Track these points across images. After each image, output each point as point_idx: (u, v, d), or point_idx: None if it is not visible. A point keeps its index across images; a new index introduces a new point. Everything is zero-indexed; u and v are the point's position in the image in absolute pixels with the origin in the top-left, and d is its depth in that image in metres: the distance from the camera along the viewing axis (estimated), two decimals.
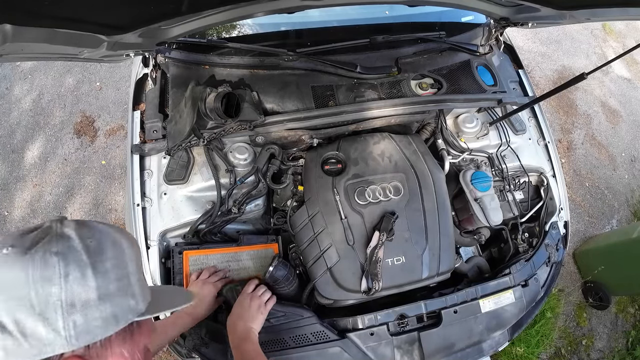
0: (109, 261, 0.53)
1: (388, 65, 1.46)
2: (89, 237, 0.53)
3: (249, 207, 1.32)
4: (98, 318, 0.50)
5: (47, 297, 0.47)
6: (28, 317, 0.47)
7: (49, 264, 0.48)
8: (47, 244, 0.50)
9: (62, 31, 0.82)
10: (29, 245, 0.49)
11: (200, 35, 1.43)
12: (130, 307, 0.54)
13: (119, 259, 0.55)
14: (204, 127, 1.24)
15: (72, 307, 0.48)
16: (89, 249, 0.52)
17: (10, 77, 3.00)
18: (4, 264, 0.48)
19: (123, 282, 0.54)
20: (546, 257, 1.40)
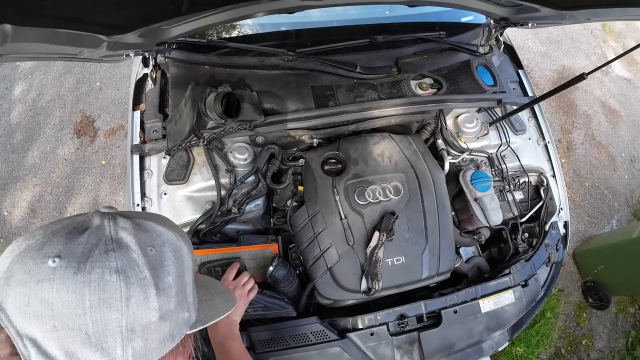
0: (170, 276, 0.47)
1: (388, 65, 1.47)
2: (149, 246, 0.47)
3: (249, 207, 1.32)
4: (156, 340, 0.45)
5: (106, 325, 0.41)
6: (83, 348, 0.41)
7: (108, 285, 0.41)
8: (105, 257, 0.42)
9: (62, 31, 0.82)
10: (81, 257, 0.42)
11: (200, 36, 1.43)
12: (184, 320, 0.49)
13: (180, 271, 0.49)
14: (204, 127, 1.24)
15: (132, 332, 0.42)
16: (150, 261, 0.45)
17: (10, 77, 3.00)
18: (51, 282, 0.40)
19: (181, 297, 0.48)
20: (546, 257, 1.40)
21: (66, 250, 0.42)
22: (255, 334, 1.12)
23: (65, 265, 0.41)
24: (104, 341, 0.41)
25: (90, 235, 0.44)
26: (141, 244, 0.46)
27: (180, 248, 0.50)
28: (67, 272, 0.41)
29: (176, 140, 1.26)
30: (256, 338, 1.11)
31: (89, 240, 0.44)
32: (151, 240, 0.47)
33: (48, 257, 0.41)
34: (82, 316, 0.40)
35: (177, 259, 0.49)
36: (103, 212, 0.48)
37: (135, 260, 0.44)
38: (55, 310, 0.40)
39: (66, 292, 0.40)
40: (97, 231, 0.45)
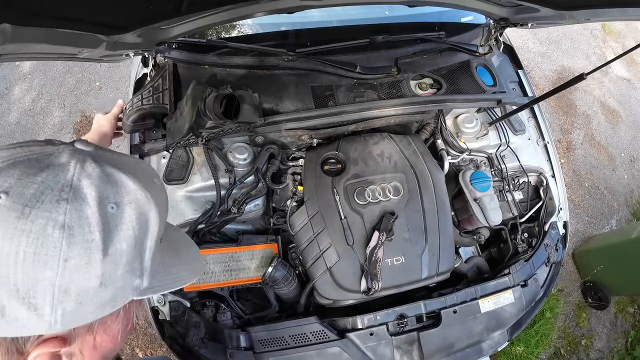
0: (125, 242, 0.41)
1: (388, 65, 1.47)
2: (112, 203, 0.41)
3: (249, 207, 1.32)
4: (93, 304, 0.41)
5: (37, 282, 0.37)
6: (10, 299, 0.37)
7: (48, 240, 0.37)
8: (53, 207, 0.37)
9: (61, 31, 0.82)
10: (29, 200, 0.37)
11: (200, 35, 1.43)
12: (133, 287, 0.44)
13: (140, 237, 0.43)
14: (203, 126, 1.24)
15: (65, 294, 0.38)
16: (105, 221, 0.40)
17: (10, 77, 3.00)
18: None
19: (135, 264, 0.43)
20: (545, 257, 1.40)
21: (17, 187, 0.37)
22: (254, 334, 1.12)
23: (9, 206, 0.36)
24: (33, 297, 0.37)
25: (48, 176, 0.38)
26: (101, 199, 0.40)
27: (147, 212, 0.44)
28: (9, 215, 0.36)
29: (175, 137, 1.26)
30: (255, 338, 1.12)
31: (44, 181, 0.38)
32: (115, 196, 0.41)
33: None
34: (13, 266, 0.36)
35: (139, 223, 0.43)
36: (76, 149, 0.42)
37: (87, 217, 0.39)
38: None
39: (2, 237, 0.36)
40: (57, 171, 0.39)
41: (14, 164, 0.38)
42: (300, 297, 1.24)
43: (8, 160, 0.39)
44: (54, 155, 0.41)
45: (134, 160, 0.50)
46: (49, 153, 0.41)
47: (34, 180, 0.38)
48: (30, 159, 0.39)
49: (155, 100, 1.27)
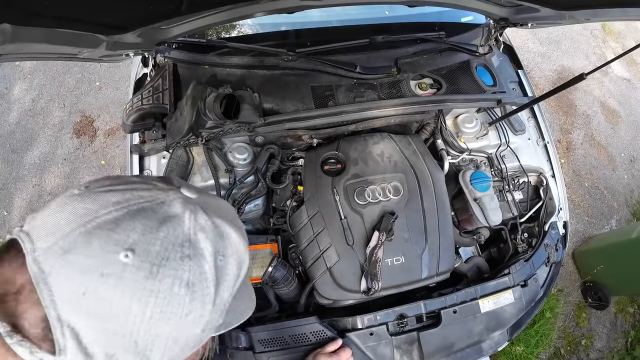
0: (227, 291, 0.43)
1: (387, 65, 1.47)
2: (220, 255, 0.43)
3: (249, 207, 1.32)
4: (190, 348, 0.43)
5: (157, 337, 0.38)
6: (126, 354, 0.38)
7: (174, 299, 0.38)
8: (179, 265, 0.38)
9: (61, 31, 0.82)
10: (156, 259, 0.37)
11: (200, 35, 1.43)
12: (216, 326, 0.45)
13: (235, 285, 0.45)
14: (203, 126, 1.24)
15: (175, 343, 0.40)
16: (216, 275, 0.42)
17: (10, 77, 3.00)
18: (118, 280, 0.36)
19: (225, 308, 0.45)
20: (545, 257, 1.40)
21: (142, 244, 0.37)
22: (254, 334, 1.12)
23: (137, 265, 0.37)
24: (150, 350, 0.39)
25: (168, 230, 0.39)
26: (215, 253, 0.42)
27: (244, 260, 0.47)
28: (137, 275, 0.36)
29: (175, 137, 1.26)
30: (255, 338, 1.11)
31: (167, 237, 0.39)
32: (224, 249, 0.43)
33: (121, 246, 0.36)
34: (138, 325, 0.37)
35: (237, 271, 0.45)
36: (184, 197, 0.43)
37: (205, 273, 0.40)
38: (112, 312, 0.36)
39: (130, 297, 0.36)
40: (175, 225, 0.40)
41: (131, 215, 0.39)
42: (300, 297, 1.24)
43: (122, 209, 0.39)
44: (166, 204, 0.42)
45: (225, 205, 0.51)
46: (161, 201, 0.42)
47: (157, 236, 0.38)
48: (146, 209, 0.40)
49: (155, 100, 1.27)
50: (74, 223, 0.37)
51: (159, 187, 0.44)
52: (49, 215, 0.39)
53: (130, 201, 0.40)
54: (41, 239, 0.37)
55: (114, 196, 0.40)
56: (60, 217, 0.38)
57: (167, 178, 0.47)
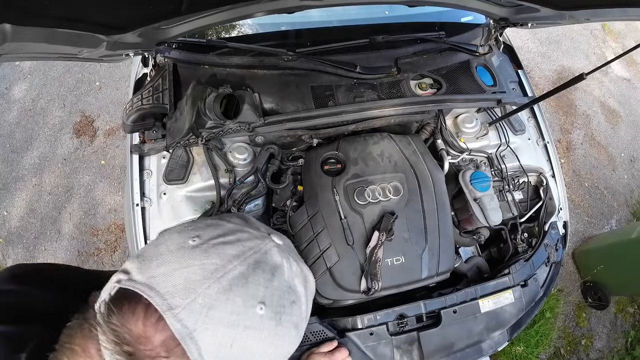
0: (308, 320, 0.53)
1: (387, 65, 1.46)
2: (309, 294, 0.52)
3: (249, 207, 1.32)
4: None
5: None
6: None
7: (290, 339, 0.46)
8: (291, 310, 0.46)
9: (61, 31, 0.82)
10: (278, 307, 0.45)
11: (200, 35, 1.43)
12: None
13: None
14: (203, 126, 1.24)
15: None
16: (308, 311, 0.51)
17: (10, 77, 3.00)
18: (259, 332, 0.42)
19: None
20: (545, 257, 1.40)
21: (268, 295, 0.44)
22: None
23: (269, 315, 0.43)
24: None
25: (278, 281, 0.46)
26: (305, 293, 0.49)
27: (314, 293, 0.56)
28: (270, 324, 0.43)
29: (175, 137, 1.26)
30: None
31: (279, 287, 0.45)
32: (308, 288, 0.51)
33: (255, 301, 0.42)
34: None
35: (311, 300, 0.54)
36: (278, 245, 0.49)
37: (302, 312, 0.48)
38: (256, 356, 0.43)
39: (267, 344, 0.43)
40: (280, 274, 0.46)
41: (252, 269, 0.45)
42: None
43: (243, 262, 0.45)
44: (269, 254, 0.48)
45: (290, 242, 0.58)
46: (264, 251, 0.47)
47: (274, 287, 0.45)
48: (259, 261, 0.46)
49: (155, 100, 1.27)
50: (208, 280, 0.41)
51: (255, 235, 0.50)
52: (173, 270, 0.42)
53: (246, 253, 0.46)
54: (176, 295, 0.40)
55: (230, 249, 0.46)
56: (190, 273, 0.42)
57: (256, 224, 0.53)
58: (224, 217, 0.53)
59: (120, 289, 0.42)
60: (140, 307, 0.40)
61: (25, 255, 2.39)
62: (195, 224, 0.51)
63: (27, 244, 2.42)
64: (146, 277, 0.42)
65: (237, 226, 0.50)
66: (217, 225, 0.50)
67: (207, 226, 0.49)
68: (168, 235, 0.49)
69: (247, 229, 0.50)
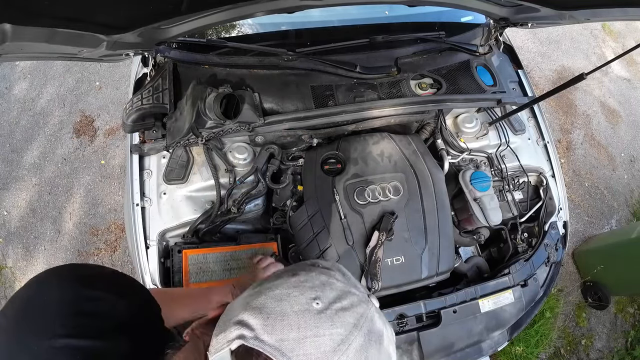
0: None
1: (388, 65, 1.46)
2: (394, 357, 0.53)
3: (249, 207, 1.32)
4: None
5: None
6: None
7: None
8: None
9: (61, 30, 0.82)
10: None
11: (200, 35, 1.43)
12: None
13: None
14: (203, 126, 1.24)
15: None
16: None
17: (10, 77, 3.00)
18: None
19: None
20: (545, 257, 1.40)
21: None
22: None
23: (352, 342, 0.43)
24: None
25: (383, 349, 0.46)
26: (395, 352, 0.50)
27: None
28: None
29: (175, 137, 1.26)
30: None
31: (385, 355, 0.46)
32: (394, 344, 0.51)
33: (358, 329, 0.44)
34: None
35: None
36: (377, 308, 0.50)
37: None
38: None
39: None
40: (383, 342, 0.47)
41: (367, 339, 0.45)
42: None
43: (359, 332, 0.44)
44: (374, 322, 0.47)
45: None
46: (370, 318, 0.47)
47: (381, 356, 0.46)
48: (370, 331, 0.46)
49: (155, 100, 1.27)
50: (337, 352, 0.42)
51: (360, 298, 0.49)
52: (304, 337, 0.42)
53: (360, 321, 0.45)
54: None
55: (349, 316, 0.45)
56: (321, 343, 0.42)
57: (353, 280, 0.53)
58: (327, 271, 0.51)
59: (245, 345, 0.41)
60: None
61: (25, 255, 2.39)
62: (310, 280, 0.49)
63: (27, 244, 2.42)
64: (275, 339, 0.41)
65: (345, 286, 0.49)
66: (330, 284, 0.49)
67: (323, 285, 0.48)
68: (287, 291, 0.47)
69: (352, 289, 0.49)
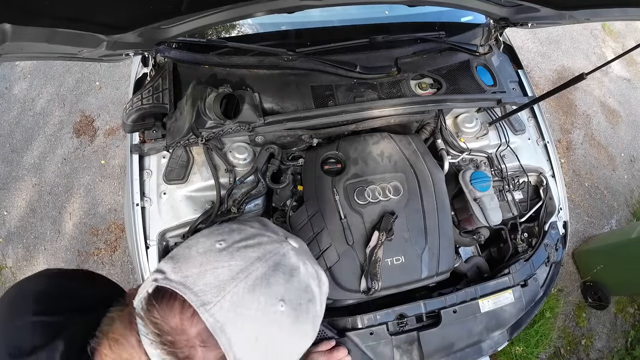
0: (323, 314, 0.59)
1: (388, 65, 1.46)
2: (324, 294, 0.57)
3: (249, 207, 1.32)
4: None
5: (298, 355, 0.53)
6: None
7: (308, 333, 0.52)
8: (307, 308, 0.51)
9: (61, 30, 0.82)
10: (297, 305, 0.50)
11: (200, 35, 1.43)
12: None
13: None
14: (203, 126, 1.24)
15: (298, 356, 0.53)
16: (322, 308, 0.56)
17: (10, 77, 3.00)
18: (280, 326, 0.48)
19: None
20: (545, 257, 1.40)
21: (287, 294, 0.49)
22: None
23: (289, 312, 0.48)
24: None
25: (296, 281, 0.50)
26: (319, 293, 0.53)
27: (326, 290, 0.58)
28: (290, 320, 0.48)
29: (175, 137, 1.26)
30: None
31: (298, 287, 0.50)
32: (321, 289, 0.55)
33: (277, 299, 0.47)
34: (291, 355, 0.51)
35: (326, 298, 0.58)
36: (294, 247, 0.54)
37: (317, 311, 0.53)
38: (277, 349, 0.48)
39: (288, 337, 0.49)
40: (296, 275, 0.51)
41: (273, 269, 0.49)
42: None
43: (264, 264, 0.49)
44: (287, 257, 0.52)
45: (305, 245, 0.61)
46: (283, 253, 0.52)
47: (293, 286, 0.50)
48: (278, 263, 0.50)
49: (155, 100, 1.27)
50: (235, 280, 0.46)
51: (274, 238, 0.54)
52: (205, 270, 0.47)
53: (266, 256, 0.50)
54: (208, 293, 0.45)
55: (252, 251, 0.50)
56: (219, 273, 0.47)
57: (274, 228, 0.58)
58: (245, 222, 0.57)
59: (158, 286, 0.47)
60: (177, 303, 0.45)
61: (25, 255, 2.39)
62: (220, 228, 0.55)
63: (27, 243, 2.42)
64: (180, 276, 0.47)
65: (257, 230, 0.55)
66: (240, 229, 0.54)
67: (231, 231, 0.54)
68: (196, 239, 0.53)
69: (267, 233, 0.55)
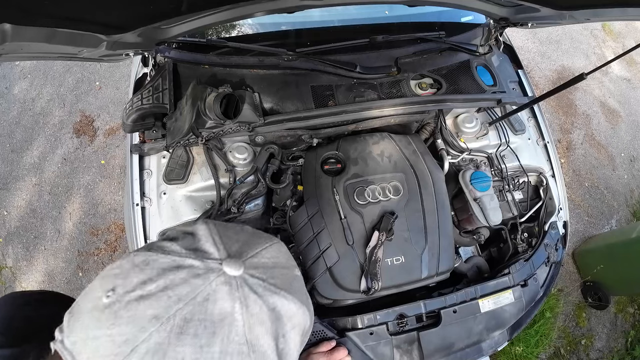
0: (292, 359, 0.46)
1: (388, 65, 1.46)
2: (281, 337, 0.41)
3: (249, 207, 1.32)
4: None
5: None
6: None
7: None
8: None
9: (61, 30, 0.82)
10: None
11: (200, 35, 1.43)
12: None
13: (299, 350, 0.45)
14: (203, 126, 1.24)
15: None
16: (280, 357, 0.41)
17: (10, 77, 3.00)
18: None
19: None
20: (545, 257, 1.40)
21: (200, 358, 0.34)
22: None
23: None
24: None
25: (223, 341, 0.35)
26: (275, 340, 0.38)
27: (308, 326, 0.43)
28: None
29: (175, 137, 1.26)
30: None
31: (223, 350, 0.35)
32: (283, 329, 0.39)
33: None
34: None
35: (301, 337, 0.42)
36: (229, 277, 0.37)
37: None
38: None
39: None
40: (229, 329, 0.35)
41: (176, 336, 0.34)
42: None
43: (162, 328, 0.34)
44: (211, 301, 0.36)
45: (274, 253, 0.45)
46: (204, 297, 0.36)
47: (212, 355, 0.34)
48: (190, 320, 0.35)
49: (155, 100, 1.27)
50: (118, 356, 0.34)
51: (194, 272, 0.37)
52: (86, 339, 0.36)
53: (170, 311, 0.35)
54: None
55: (149, 307, 0.35)
56: (99, 346, 0.35)
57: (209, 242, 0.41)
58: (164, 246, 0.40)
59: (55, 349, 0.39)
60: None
61: (25, 255, 2.39)
62: (123, 261, 0.39)
63: (27, 243, 2.42)
64: (69, 342, 0.37)
65: (172, 261, 0.38)
66: (146, 264, 0.38)
67: (133, 268, 0.38)
68: (93, 283, 0.40)
69: (188, 260, 0.38)
